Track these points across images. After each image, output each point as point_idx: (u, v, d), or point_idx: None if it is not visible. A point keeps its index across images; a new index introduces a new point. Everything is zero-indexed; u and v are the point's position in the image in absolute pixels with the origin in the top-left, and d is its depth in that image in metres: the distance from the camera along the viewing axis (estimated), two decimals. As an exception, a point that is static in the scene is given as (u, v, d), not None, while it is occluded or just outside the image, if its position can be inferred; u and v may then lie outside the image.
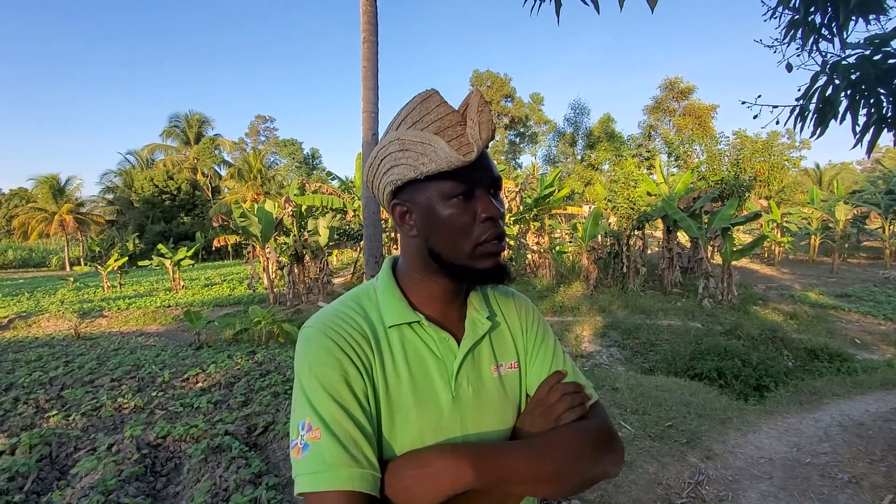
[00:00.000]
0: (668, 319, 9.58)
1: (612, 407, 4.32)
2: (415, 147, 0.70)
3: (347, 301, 0.79)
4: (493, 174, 0.75)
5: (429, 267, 0.77)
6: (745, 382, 6.01)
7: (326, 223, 13.91)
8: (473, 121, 0.71)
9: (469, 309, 0.83)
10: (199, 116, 42.09)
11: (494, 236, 0.73)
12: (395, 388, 0.73)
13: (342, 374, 0.69)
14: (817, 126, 2.72)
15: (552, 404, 0.79)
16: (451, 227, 0.72)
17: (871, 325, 9.26)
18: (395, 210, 0.76)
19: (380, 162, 0.75)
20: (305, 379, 0.69)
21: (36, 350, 7.91)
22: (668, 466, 3.23)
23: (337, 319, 0.74)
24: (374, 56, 6.41)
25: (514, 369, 0.85)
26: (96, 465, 3.37)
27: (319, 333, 0.72)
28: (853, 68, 2.44)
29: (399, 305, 0.77)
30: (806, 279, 15.03)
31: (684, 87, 32.67)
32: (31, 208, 31.37)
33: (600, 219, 13.25)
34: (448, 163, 0.68)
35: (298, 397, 0.69)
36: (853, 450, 3.32)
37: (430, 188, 0.72)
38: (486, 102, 0.72)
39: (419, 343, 0.77)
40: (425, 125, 0.71)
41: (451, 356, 0.77)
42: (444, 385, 0.76)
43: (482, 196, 0.73)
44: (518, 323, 0.88)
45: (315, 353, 0.70)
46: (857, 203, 18.97)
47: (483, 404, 0.78)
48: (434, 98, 0.72)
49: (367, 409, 0.70)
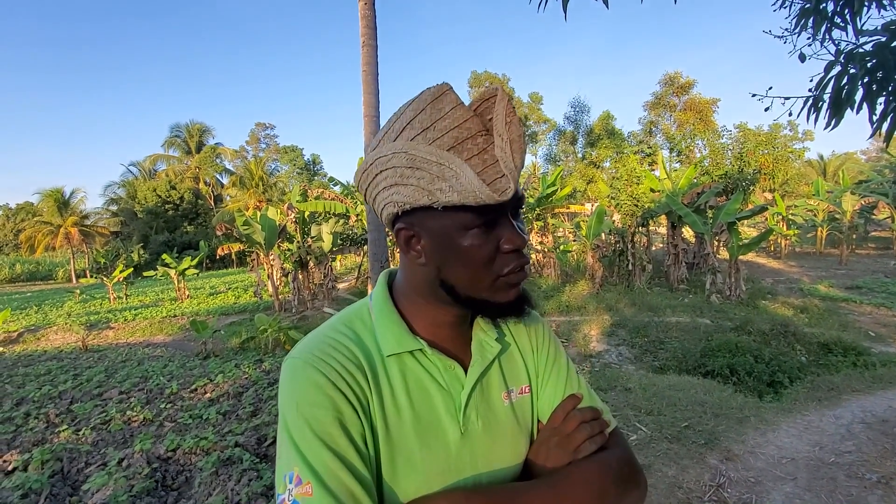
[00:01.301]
0: (677, 316, 9.48)
1: (625, 408, 4.25)
2: (429, 167, 0.58)
3: (338, 325, 0.69)
4: (517, 194, 0.63)
5: (438, 297, 0.68)
6: (758, 379, 5.92)
7: (329, 229, 13.89)
8: (503, 138, 0.58)
9: (476, 330, 0.74)
10: (200, 126, 42.28)
11: (517, 267, 0.64)
12: (396, 427, 0.64)
13: (335, 416, 0.59)
14: (832, 117, 2.65)
15: (569, 434, 0.71)
16: (471, 260, 0.62)
17: (885, 317, 9.13)
18: (399, 234, 0.65)
19: (378, 172, 0.63)
20: (292, 421, 0.59)
21: (45, 364, 7.92)
22: (687, 469, 3.15)
23: (327, 348, 0.64)
24: (373, 60, 6.38)
25: (526, 394, 0.77)
26: (107, 481, 3.34)
27: (307, 366, 0.62)
28: (870, 56, 2.38)
29: (398, 331, 0.68)
30: (814, 272, 14.89)
31: (684, 82, 32.52)
32: (37, 222, 31.53)
33: (604, 216, 13.17)
34: (476, 199, 0.57)
35: (284, 443, 0.59)
36: (879, 448, 3.24)
37: (445, 216, 0.61)
38: (513, 109, 0.59)
39: (422, 373, 0.68)
40: (438, 134, 0.58)
41: (458, 386, 0.69)
42: (451, 420, 0.67)
43: (505, 223, 0.63)
44: (528, 343, 0.80)
45: (303, 390, 0.60)
46: (864, 193, 18.78)
47: (494, 438, 0.70)
48: (448, 98, 0.59)
49: (366, 453, 0.61)
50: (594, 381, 5.26)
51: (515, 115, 0.60)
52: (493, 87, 0.62)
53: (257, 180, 36.03)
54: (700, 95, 32.15)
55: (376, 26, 6.38)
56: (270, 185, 37.82)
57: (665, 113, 33.69)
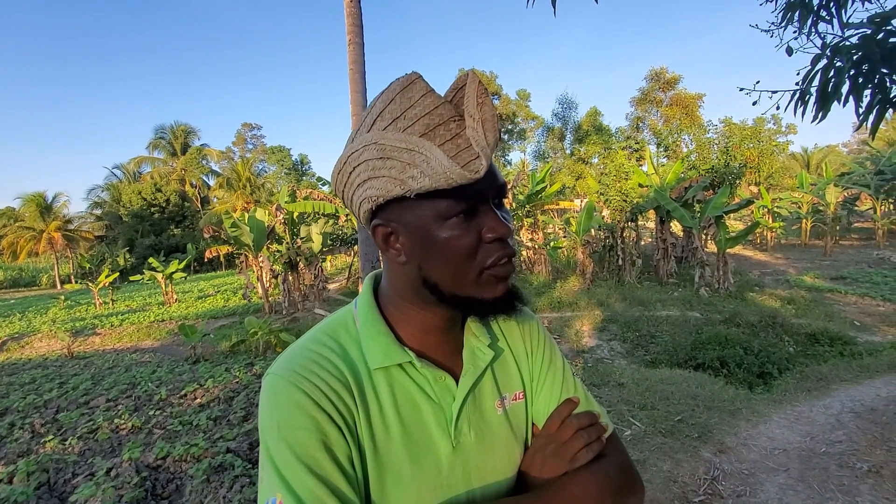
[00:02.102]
0: (667, 310, 9.55)
1: (619, 403, 4.27)
2: (399, 155, 0.55)
3: (321, 336, 0.65)
4: (498, 181, 0.60)
5: (423, 298, 0.64)
6: (748, 370, 5.98)
7: (319, 229, 13.79)
8: (474, 118, 0.55)
9: (467, 336, 0.71)
10: (185, 127, 41.77)
11: (503, 257, 0.60)
12: (385, 444, 0.61)
13: (320, 438, 0.56)
14: (819, 110, 2.66)
15: (565, 442, 0.68)
16: (451, 253, 0.59)
17: (870, 307, 9.28)
18: (376, 231, 0.62)
19: (352, 170, 0.60)
20: (274, 445, 0.56)
21: (30, 372, 7.74)
22: (681, 463, 3.17)
23: (309, 364, 0.60)
24: (360, 58, 6.33)
25: (520, 400, 0.74)
26: (95, 492, 3.26)
27: (289, 385, 0.58)
28: (855, 49, 2.39)
29: (385, 342, 0.64)
30: (800, 263, 15.10)
31: (670, 78, 32.84)
32: (19, 227, 30.93)
33: (593, 212, 13.22)
34: (448, 180, 0.54)
35: (266, 468, 0.56)
36: (869, 437, 3.29)
37: (421, 206, 0.58)
38: (485, 90, 0.56)
39: (411, 386, 0.65)
40: (409, 123, 0.56)
41: (449, 398, 0.66)
42: (443, 434, 0.64)
43: (487, 211, 0.60)
44: (523, 346, 0.77)
45: (285, 411, 0.57)
46: (846, 185, 19.09)
47: (488, 450, 0.67)
48: (418, 85, 0.56)
49: (353, 476, 0.57)
50: (587, 377, 5.27)
51: (487, 95, 0.56)
52: (464, 73, 0.58)
53: (244, 181, 35.69)
54: (686, 91, 32.51)
55: (362, 24, 6.32)
56: (258, 186, 37.49)
57: (652, 108, 34.01)
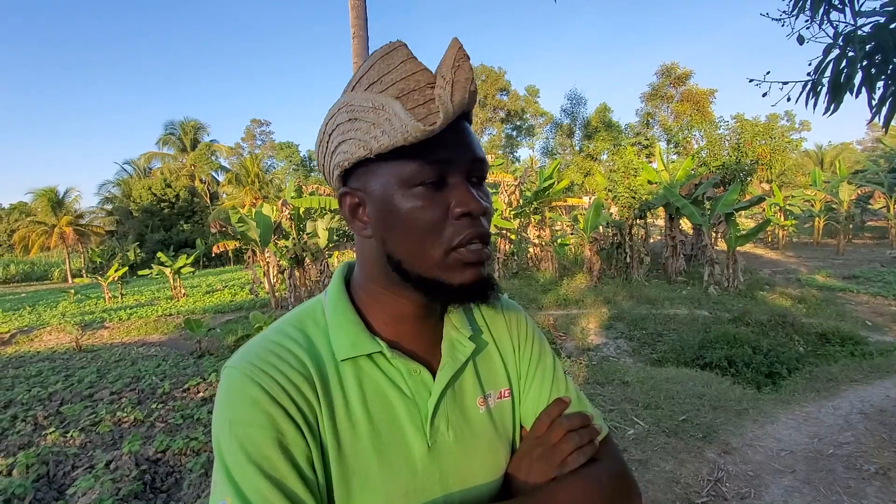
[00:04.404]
0: (675, 308, 9.44)
1: (623, 402, 4.20)
2: (365, 115, 0.52)
3: (285, 327, 0.60)
4: (475, 154, 0.56)
5: (390, 278, 0.59)
6: (756, 370, 5.89)
7: (325, 225, 13.79)
8: (445, 79, 0.51)
9: (447, 327, 0.65)
10: (195, 123, 42.00)
11: (473, 237, 0.55)
12: (351, 444, 0.55)
13: (274, 436, 0.51)
14: (831, 102, 2.58)
15: (555, 444, 0.63)
16: (413, 225, 0.54)
17: (882, 307, 9.11)
18: (343, 201, 0.58)
19: (328, 137, 0.57)
20: (226, 443, 0.50)
21: (36, 365, 7.82)
22: (685, 463, 3.10)
23: (268, 355, 0.55)
24: (364, 52, 6.27)
25: (506, 398, 0.68)
26: (93, 484, 3.27)
27: (244, 378, 0.53)
28: (868, 38, 2.30)
29: (353, 331, 0.59)
30: (812, 262, 14.87)
31: (681, 73, 32.40)
32: (31, 222, 31.33)
33: (601, 209, 13.10)
34: (403, 134, 0.50)
35: (218, 469, 0.51)
36: (877, 438, 3.20)
37: (385, 171, 0.54)
38: (465, 55, 0.52)
39: (382, 379, 0.59)
40: (384, 87, 0.53)
41: (425, 393, 0.60)
42: (417, 432, 0.59)
43: (458, 184, 0.55)
44: (509, 340, 0.71)
45: (237, 406, 0.52)
46: (860, 183, 18.80)
47: (468, 451, 0.62)
48: (399, 52, 0.54)
49: (312, 478, 0.52)
50: (592, 375, 5.21)
51: (466, 60, 0.52)
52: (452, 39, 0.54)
53: (253, 177, 35.88)
54: (697, 86, 32.08)
55: (367, 17, 6.27)
56: (266, 182, 37.68)
57: (662, 104, 33.61)
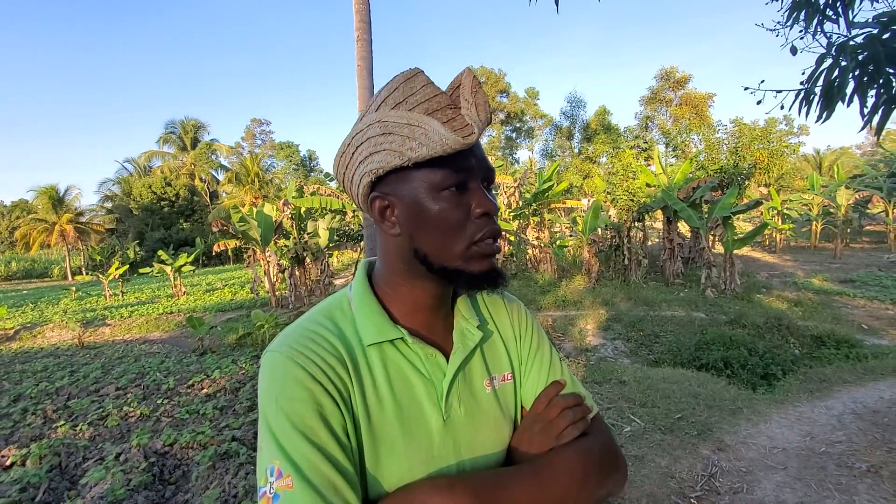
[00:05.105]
0: (672, 310, 9.54)
1: (620, 400, 4.29)
2: (400, 129, 0.61)
3: (317, 317, 0.70)
4: (488, 164, 0.67)
5: (413, 271, 0.69)
6: (752, 372, 5.97)
7: (326, 225, 13.89)
8: (468, 101, 0.63)
9: (457, 318, 0.76)
10: (195, 122, 42.09)
11: (490, 234, 0.66)
12: (379, 417, 0.65)
13: (316, 408, 0.60)
14: (823, 110, 2.66)
15: (552, 420, 0.72)
16: (442, 223, 0.64)
17: (878, 310, 9.20)
18: (374, 204, 0.67)
19: (355, 149, 0.66)
20: (272, 416, 0.59)
21: (42, 360, 7.90)
22: (680, 459, 3.19)
23: (306, 341, 0.65)
24: (368, 55, 6.36)
25: (509, 381, 0.79)
26: (105, 475, 3.34)
27: (286, 360, 0.62)
28: (861, 48, 2.39)
29: (378, 320, 0.69)
30: (809, 265, 14.98)
31: (680, 77, 32.60)
32: (32, 219, 31.37)
33: (600, 211, 13.20)
34: (443, 146, 0.59)
35: (265, 437, 0.59)
36: (869, 438, 3.29)
37: (417, 178, 0.64)
38: (479, 83, 0.64)
39: (403, 362, 0.69)
40: (411, 106, 0.62)
41: (440, 374, 0.70)
42: (434, 408, 0.68)
43: (477, 188, 0.66)
44: (511, 330, 0.82)
45: (282, 384, 0.61)
46: (858, 187, 18.88)
47: (477, 425, 0.72)
48: (420, 77, 0.63)
49: (348, 445, 0.61)
50: (589, 374, 5.30)
51: (481, 87, 0.64)
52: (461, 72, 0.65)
53: (253, 176, 35.97)
54: (696, 90, 32.26)
55: (370, 21, 6.36)
56: (266, 181, 37.77)
57: (661, 108, 33.78)
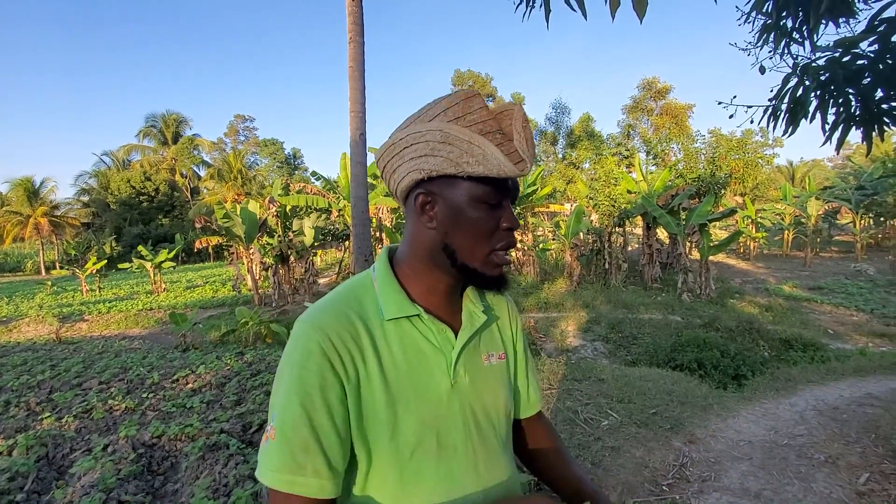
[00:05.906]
0: (650, 313, 9.83)
1: (598, 396, 4.47)
2: (459, 143, 0.70)
3: (345, 293, 0.80)
4: (517, 187, 0.79)
5: (436, 261, 0.78)
6: (723, 372, 6.22)
7: (311, 223, 13.88)
8: (520, 134, 0.73)
9: (465, 302, 0.86)
10: (177, 116, 41.41)
11: (507, 245, 0.77)
12: (395, 381, 0.75)
13: (319, 379, 0.70)
14: (788, 125, 2.88)
15: None
16: (475, 229, 0.74)
17: (844, 316, 9.64)
18: (416, 198, 0.76)
19: (409, 145, 0.73)
20: (286, 374, 0.72)
21: (20, 354, 7.76)
22: (653, 451, 3.37)
23: (329, 317, 0.75)
24: (360, 56, 6.45)
25: (503, 360, 0.91)
26: (94, 465, 3.37)
27: (308, 332, 0.72)
28: (823, 70, 2.60)
29: (398, 298, 0.79)
30: (780, 273, 15.52)
31: (661, 87, 33.29)
32: (6, 212, 30.42)
33: (582, 216, 13.49)
34: (499, 170, 0.69)
35: (276, 389, 0.72)
36: (828, 432, 3.52)
37: (463, 187, 0.73)
38: (527, 118, 0.76)
39: (418, 336, 0.79)
40: (468, 124, 0.70)
41: (449, 346, 0.80)
42: (443, 375, 0.79)
43: (507, 206, 0.77)
44: (507, 321, 0.96)
45: (299, 352, 0.71)
46: (828, 199, 19.60)
47: (478, 390, 0.83)
48: (477, 99, 0.72)
49: (340, 413, 0.71)
50: (570, 373, 5.47)
51: (528, 122, 0.76)
52: (510, 102, 0.76)
53: (236, 173, 35.45)
54: (676, 101, 32.97)
55: (363, 23, 6.45)
56: (249, 178, 37.25)
57: (643, 117, 34.42)
